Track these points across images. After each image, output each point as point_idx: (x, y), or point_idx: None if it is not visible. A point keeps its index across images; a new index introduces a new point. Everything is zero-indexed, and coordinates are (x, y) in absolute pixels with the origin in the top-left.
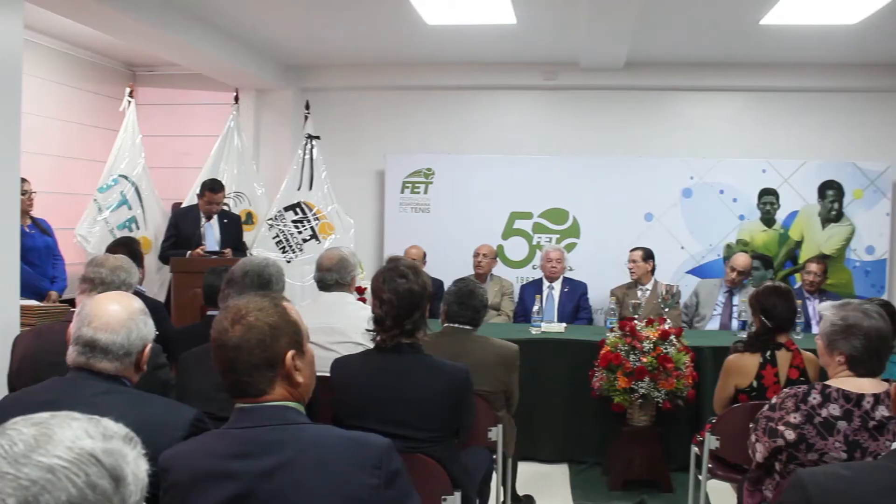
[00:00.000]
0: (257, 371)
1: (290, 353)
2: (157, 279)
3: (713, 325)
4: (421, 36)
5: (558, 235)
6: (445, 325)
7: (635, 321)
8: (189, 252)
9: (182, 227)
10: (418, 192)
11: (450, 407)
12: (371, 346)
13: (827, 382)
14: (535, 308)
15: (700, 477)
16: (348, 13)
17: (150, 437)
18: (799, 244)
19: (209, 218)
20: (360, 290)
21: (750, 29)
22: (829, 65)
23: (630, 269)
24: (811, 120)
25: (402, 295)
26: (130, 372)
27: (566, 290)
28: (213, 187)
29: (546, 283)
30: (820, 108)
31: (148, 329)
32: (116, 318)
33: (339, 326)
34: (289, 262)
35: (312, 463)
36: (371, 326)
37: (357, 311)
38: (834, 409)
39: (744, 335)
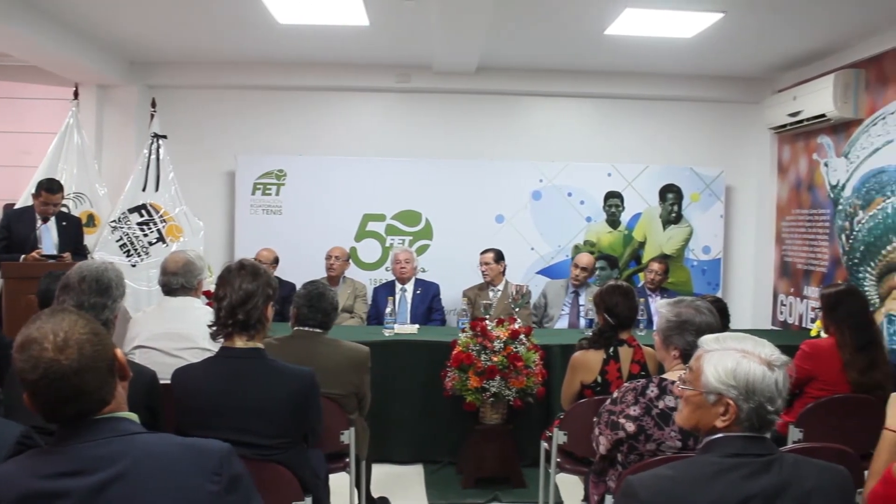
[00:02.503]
0: (107, 383)
1: (116, 350)
2: None
3: (562, 324)
4: (273, 35)
5: (411, 237)
6: (295, 328)
7: (486, 321)
8: (23, 256)
9: (15, 229)
10: (270, 194)
11: (296, 411)
12: None
13: (663, 376)
14: (388, 310)
15: (550, 471)
16: (197, 9)
17: None
18: (642, 244)
19: (46, 220)
20: (209, 294)
21: (596, 38)
22: (669, 75)
23: (482, 270)
24: (653, 126)
25: (237, 287)
26: None
27: (418, 291)
28: (49, 187)
29: (399, 285)
30: (661, 115)
31: None
32: None
33: (185, 332)
34: (134, 265)
35: (148, 473)
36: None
37: (204, 315)
38: (670, 401)
39: (590, 333)
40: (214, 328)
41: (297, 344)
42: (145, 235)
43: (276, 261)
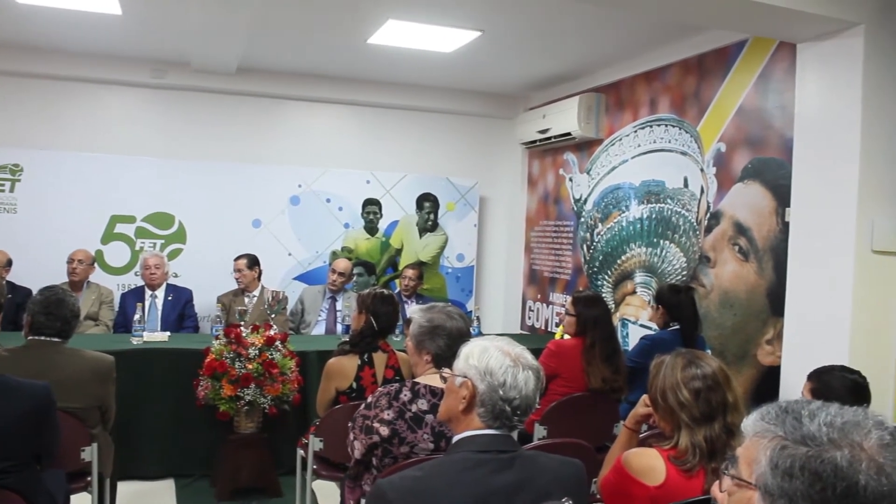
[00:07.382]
0: None
1: None
2: None
3: (319, 330)
4: (10, 15)
5: (163, 241)
6: (30, 337)
7: (241, 328)
8: None
9: None
10: (3, 190)
11: (28, 430)
12: None
13: (416, 380)
14: (137, 317)
15: (307, 478)
16: None
17: None
18: (399, 251)
19: None
20: None
21: (359, 47)
22: (430, 87)
23: (236, 277)
24: (412, 136)
25: None
26: None
27: (170, 297)
28: None
29: (148, 291)
30: (420, 126)
31: None
32: None
33: None
34: None
35: None
36: None
37: None
38: (422, 404)
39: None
40: None
41: (32, 355)
42: None
43: (9, 263)
